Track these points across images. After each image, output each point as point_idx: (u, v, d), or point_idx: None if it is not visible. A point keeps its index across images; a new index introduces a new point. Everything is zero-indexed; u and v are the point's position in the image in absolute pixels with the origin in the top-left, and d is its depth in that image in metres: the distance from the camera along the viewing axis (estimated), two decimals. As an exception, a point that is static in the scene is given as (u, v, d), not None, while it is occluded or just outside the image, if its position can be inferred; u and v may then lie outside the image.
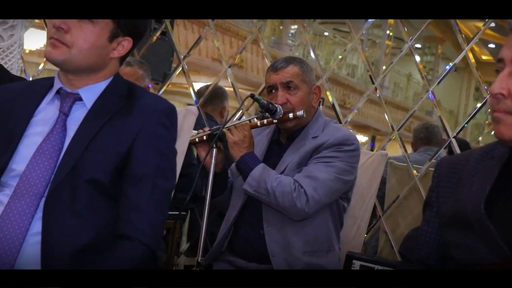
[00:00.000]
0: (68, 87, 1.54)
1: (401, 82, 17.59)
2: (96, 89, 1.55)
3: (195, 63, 9.73)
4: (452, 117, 18.77)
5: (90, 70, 1.54)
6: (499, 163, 1.30)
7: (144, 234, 1.44)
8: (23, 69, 3.63)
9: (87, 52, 1.50)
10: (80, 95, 1.53)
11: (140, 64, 3.04)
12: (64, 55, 1.48)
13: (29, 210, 1.41)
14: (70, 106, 1.52)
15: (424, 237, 1.41)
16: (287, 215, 2.10)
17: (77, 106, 1.53)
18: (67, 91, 1.54)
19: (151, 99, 1.57)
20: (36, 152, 1.46)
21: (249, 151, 2.16)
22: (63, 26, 1.46)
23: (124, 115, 1.51)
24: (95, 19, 1.49)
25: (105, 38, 1.52)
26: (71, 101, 1.53)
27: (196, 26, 9.53)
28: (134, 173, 1.47)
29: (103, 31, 1.51)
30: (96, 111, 1.52)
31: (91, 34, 1.49)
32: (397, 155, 3.68)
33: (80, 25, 1.48)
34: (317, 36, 13.83)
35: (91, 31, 1.49)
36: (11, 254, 1.37)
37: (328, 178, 2.08)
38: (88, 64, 1.52)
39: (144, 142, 1.49)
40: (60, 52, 1.48)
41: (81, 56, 1.49)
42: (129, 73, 2.95)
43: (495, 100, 1.25)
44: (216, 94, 3.74)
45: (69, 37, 1.48)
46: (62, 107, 1.52)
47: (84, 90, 1.54)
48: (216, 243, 2.26)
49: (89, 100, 1.53)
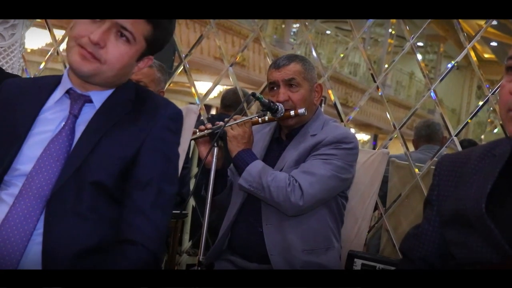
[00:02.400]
0: (78, 88, 1.51)
1: (403, 81, 17.57)
2: (106, 92, 1.53)
3: (197, 62, 9.73)
4: (454, 116, 18.75)
5: (113, 84, 1.52)
6: (500, 161, 1.29)
7: (148, 239, 1.43)
8: (24, 68, 3.63)
9: (117, 71, 1.48)
10: (90, 97, 1.51)
11: (160, 67, 3.05)
12: (94, 69, 1.45)
13: (34, 212, 1.40)
14: (80, 109, 1.50)
15: (425, 235, 1.41)
16: (281, 210, 2.10)
17: (87, 108, 1.51)
18: (77, 92, 1.51)
19: (158, 103, 1.55)
20: (44, 153, 1.44)
21: (246, 147, 2.17)
22: (100, 43, 1.43)
23: (131, 119, 1.50)
24: (131, 39, 1.46)
25: (135, 59, 1.51)
26: (82, 103, 1.51)
27: (197, 25, 9.52)
28: (139, 177, 1.46)
29: (137, 53, 1.50)
30: (104, 114, 1.50)
31: (126, 54, 1.47)
32: (399, 154, 3.67)
33: (117, 44, 1.45)
34: (319, 34, 13.82)
35: (126, 53, 1.47)
36: (15, 255, 1.37)
37: (325, 175, 2.08)
38: (113, 80, 1.51)
39: (151, 147, 1.48)
40: (90, 66, 1.44)
41: (111, 74, 1.47)
42: (147, 73, 2.97)
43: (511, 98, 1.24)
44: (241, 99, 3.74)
45: (103, 53, 1.44)
46: (72, 108, 1.50)
47: (95, 93, 1.51)
48: (217, 241, 2.26)
49: (99, 102, 1.52)
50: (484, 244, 1.21)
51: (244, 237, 2.20)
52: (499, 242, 1.18)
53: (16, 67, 3.46)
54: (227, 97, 3.99)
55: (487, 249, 1.21)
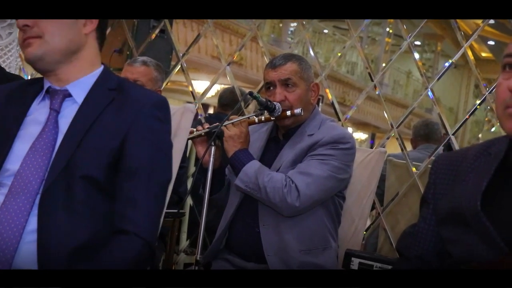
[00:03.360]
0: (56, 84, 1.54)
1: (400, 80, 17.59)
2: (84, 83, 1.55)
3: (194, 61, 9.73)
4: (451, 114, 18.77)
5: (70, 51, 1.52)
6: (496, 159, 1.30)
7: (141, 228, 1.43)
8: (21, 67, 3.64)
9: (58, 33, 1.49)
10: (69, 91, 1.53)
11: (157, 66, 3.06)
12: (41, 46, 1.48)
13: (24, 208, 1.40)
14: (60, 103, 1.52)
15: (421, 234, 1.41)
16: (278, 211, 2.09)
17: (68, 103, 1.53)
18: (55, 89, 1.54)
19: (141, 92, 1.57)
20: (30, 150, 1.45)
21: (243, 147, 2.16)
22: (27, 23, 1.47)
23: (115, 109, 1.51)
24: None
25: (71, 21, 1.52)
26: (61, 97, 1.53)
27: (195, 24, 9.52)
28: (128, 167, 1.46)
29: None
30: (87, 107, 1.51)
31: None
32: (397, 153, 3.68)
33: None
34: (316, 33, 13.82)
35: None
36: (8, 253, 1.37)
37: (322, 175, 2.08)
38: (66, 45, 1.51)
39: (136, 136, 1.48)
40: (36, 46, 1.48)
41: (56, 39, 1.49)
42: (143, 72, 2.98)
43: (510, 95, 1.24)
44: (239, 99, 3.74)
45: (37, 29, 1.47)
46: (52, 104, 1.52)
47: (72, 86, 1.53)
48: (214, 241, 2.26)
49: (78, 95, 1.53)
50: (480, 241, 1.21)
51: (241, 237, 2.20)
52: (494, 240, 1.19)
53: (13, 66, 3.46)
54: (224, 96, 3.99)
55: (482, 246, 1.21)
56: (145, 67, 3.01)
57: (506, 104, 1.26)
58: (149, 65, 3.03)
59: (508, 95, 1.25)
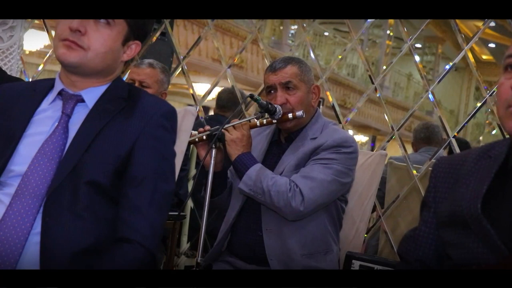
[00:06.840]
0: (70, 88, 1.54)
1: (401, 82, 17.59)
2: (97, 91, 1.55)
3: (195, 64, 9.74)
4: (452, 117, 18.78)
5: (102, 73, 1.54)
6: (496, 162, 1.30)
7: (144, 237, 1.44)
8: (22, 70, 3.63)
9: (103, 55, 1.50)
10: (82, 96, 1.53)
11: (163, 69, 3.07)
12: (80, 58, 1.47)
13: (30, 211, 1.40)
14: (72, 108, 1.52)
15: (422, 238, 1.41)
16: (282, 215, 2.09)
17: (79, 108, 1.53)
18: (69, 93, 1.53)
19: (152, 101, 1.57)
20: (38, 153, 1.45)
21: (246, 151, 2.16)
22: (80, 29, 1.45)
23: (124, 117, 1.51)
24: (111, 21, 1.49)
25: (120, 42, 1.53)
26: (74, 102, 1.52)
27: (195, 27, 9.53)
28: (134, 175, 1.47)
29: (119, 35, 1.51)
30: (97, 113, 1.51)
31: (108, 37, 1.49)
32: (398, 155, 3.68)
33: (97, 28, 1.48)
34: (317, 36, 13.83)
35: (108, 35, 1.49)
36: (13, 255, 1.37)
37: (325, 179, 2.08)
38: (102, 68, 1.52)
39: (144, 145, 1.49)
40: (76, 54, 1.47)
41: (97, 60, 1.49)
42: (149, 73, 2.99)
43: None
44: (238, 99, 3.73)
45: (86, 39, 1.47)
46: (64, 108, 1.51)
47: (86, 92, 1.53)
48: (216, 243, 2.25)
49: (91, 101, 1.53)
50: (480, 244, 1.21)
51: (243, 240, 2.20)
52: (495, 243, 1.19)
53: (15, 69, 3.46)
54: (222, 97, 3.98)
55: (483, 249, 1.21)
56: (151, 69, 3.02)
57: (508, 103, 1.26)
58: (156, 67, 3.04)
59: (510, 94, 1.25)
